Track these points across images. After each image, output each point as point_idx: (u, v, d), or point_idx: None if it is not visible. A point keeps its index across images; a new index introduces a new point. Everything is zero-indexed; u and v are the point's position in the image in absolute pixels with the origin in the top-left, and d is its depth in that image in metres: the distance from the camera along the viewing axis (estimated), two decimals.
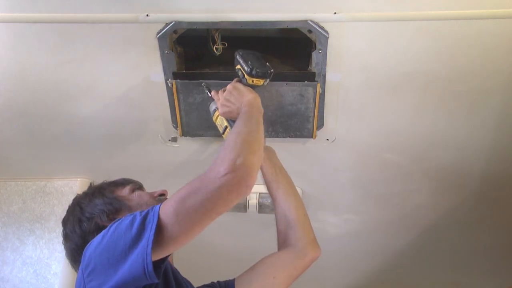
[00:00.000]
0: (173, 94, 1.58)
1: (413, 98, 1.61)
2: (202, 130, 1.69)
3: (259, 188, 1.87)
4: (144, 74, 1.55)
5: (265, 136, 1.67)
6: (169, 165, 1.92)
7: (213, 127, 1.65)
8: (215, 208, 1.03)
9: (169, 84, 1.56)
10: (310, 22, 1.39)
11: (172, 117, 1.67)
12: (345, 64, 1.50)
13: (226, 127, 1.45)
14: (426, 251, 2.42)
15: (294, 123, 1.65)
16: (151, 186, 2.01)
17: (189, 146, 1.79)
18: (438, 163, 1.87)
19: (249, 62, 1.37)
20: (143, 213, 1.06)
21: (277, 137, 1.70)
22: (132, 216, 1.07)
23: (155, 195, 1.35)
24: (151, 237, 1.00)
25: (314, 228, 1.45)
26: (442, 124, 1.69)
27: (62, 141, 1.81)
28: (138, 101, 1.65)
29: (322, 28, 1.40)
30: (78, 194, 1.38)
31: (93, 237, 1.14)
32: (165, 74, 1.54)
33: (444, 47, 1.45)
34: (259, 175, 1.21)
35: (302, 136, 1.69)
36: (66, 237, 1.29)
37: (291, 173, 1.53)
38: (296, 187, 1.55)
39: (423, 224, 2.24)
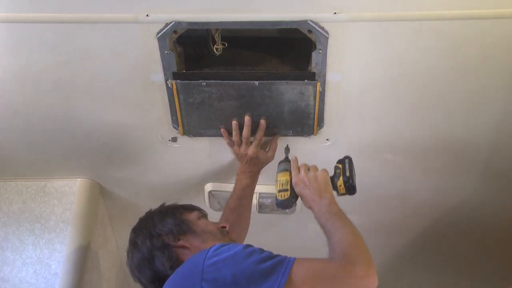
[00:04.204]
0: (173, 94, 1.58)
1: (413, 98, 1.61)
2: (203, 129, 1.70)
3: (259, 188, 1.86)
4: (144, 74, 1.55)
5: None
6: (169, 165, 1.92)
7: (214, 126, 1.67)
8: None
9: (169, 85, 1.56)
10: (310, 22, 1.39)
11: (172, 117, 1.66)
12: (345, 64, 1.50)
13: (286, 190, 1.46)
14: (425, 252, 2.42)
15: (294, 119, 1.65)
16: (151, 185, 2.03)
17: (189, 146, 1.79)
18: (437, 164, 1.87)
19: (353, 173, 1.45)
20: (277, 258, 1.20)
21: (278, 134, 1.70)
22: (260, 250, 1.23)
23: (219, 226, 1.46)
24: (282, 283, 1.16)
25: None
26: (442, 124, 1.69)
27: (62, 141, 1.81)
28: (138, 101, 1.64)
29: (322, 28, 1.40)
30: (151, 209, 1.49)
31: (159, 252, 1.33)
32: (165, 74, 1.53)
33: (444, 47, 1.45)
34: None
35: (303, 132, 1.69)
36: (135, 245, 1.40)
37: None
38: None
39: (422, 225, 2.24)
